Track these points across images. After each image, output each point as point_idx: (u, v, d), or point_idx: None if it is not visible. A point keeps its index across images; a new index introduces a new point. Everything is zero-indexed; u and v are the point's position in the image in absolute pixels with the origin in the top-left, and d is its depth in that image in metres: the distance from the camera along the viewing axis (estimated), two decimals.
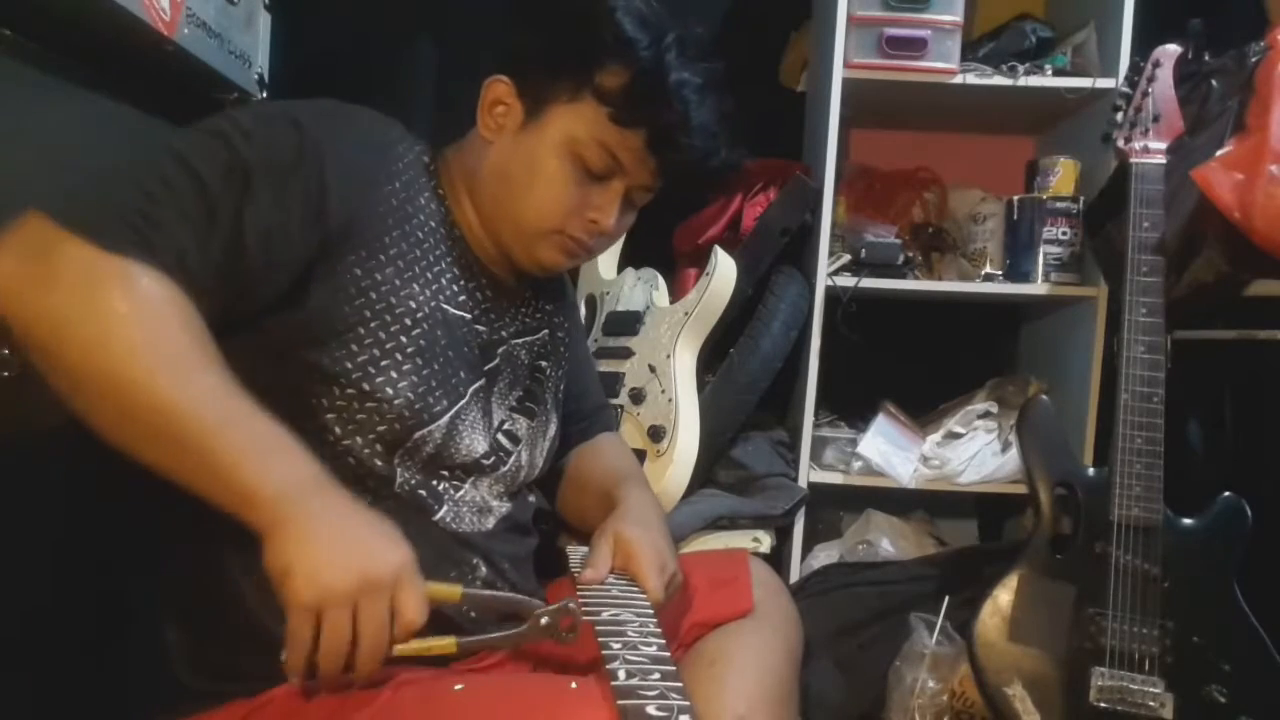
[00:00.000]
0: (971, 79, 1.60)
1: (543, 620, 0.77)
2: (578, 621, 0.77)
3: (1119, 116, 1.38)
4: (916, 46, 1.57)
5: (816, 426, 1.66)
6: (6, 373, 0.82)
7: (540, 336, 1.04)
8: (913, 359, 1.93)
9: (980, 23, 1.84)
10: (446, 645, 0.74)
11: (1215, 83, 1.40)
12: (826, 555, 1.71)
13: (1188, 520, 1.28)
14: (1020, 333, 2.03)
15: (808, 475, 1.63)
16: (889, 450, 1.64)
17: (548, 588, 1.01)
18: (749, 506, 1.52)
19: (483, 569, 0.90)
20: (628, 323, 1.57)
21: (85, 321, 0.68)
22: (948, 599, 1.45)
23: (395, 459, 0.85)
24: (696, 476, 1.47)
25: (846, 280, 1.62)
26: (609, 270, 1.69)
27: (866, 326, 1.64)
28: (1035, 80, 1.61)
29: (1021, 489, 1.52)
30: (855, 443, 1.65)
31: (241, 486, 0.68)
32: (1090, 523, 1.29)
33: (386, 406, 0.82)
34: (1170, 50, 1.38)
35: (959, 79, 1.60)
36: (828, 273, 1.62)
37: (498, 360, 0.96)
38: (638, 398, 1.49)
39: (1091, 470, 1.33)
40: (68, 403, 0.69)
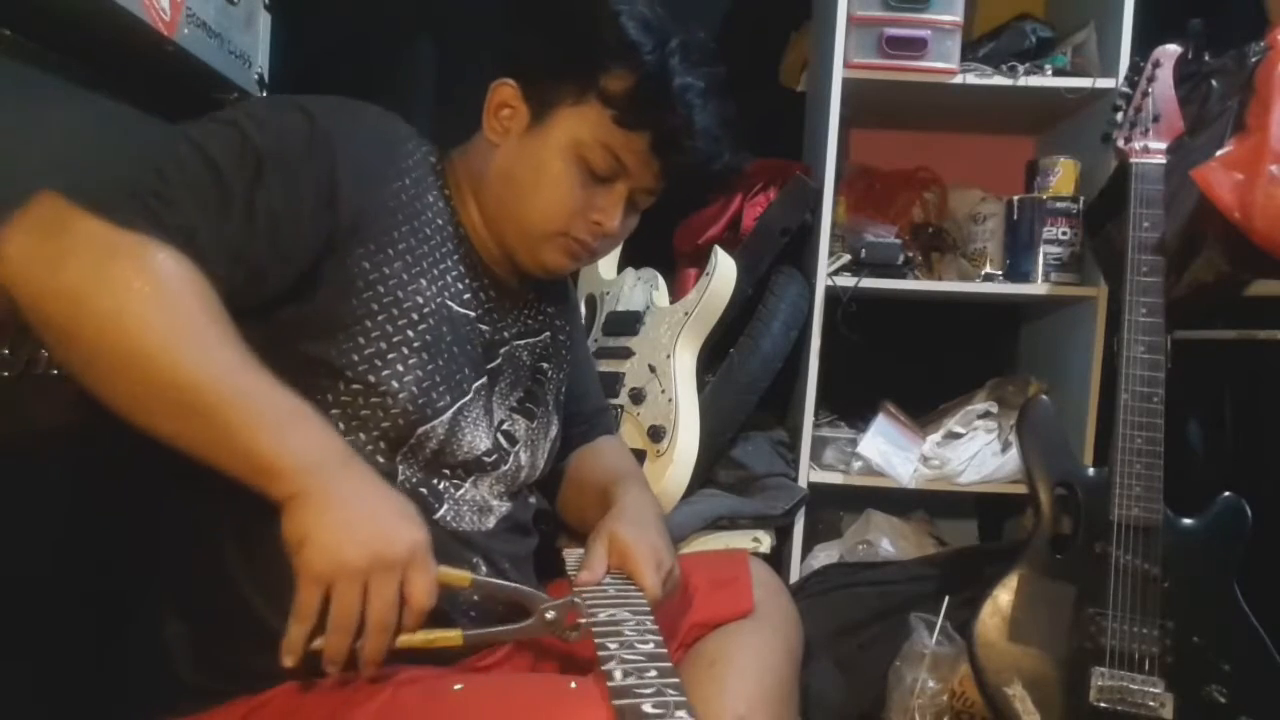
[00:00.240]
0: (971, 79, 1.60)
1: (548, 614, 0.77)
2: (581, 620, 0.77)
3: (1119, 116, 1.38)
4: (916, 46, 1.57)
5: (816, 426, 1.66)
6: (6, 373, 0.82)
7: (542, 338, 1.05)
8: (913, 359, 1.93)
9: (980, 23, 1.84)
10: (453, 638, 0.75)
11: (1215, 83, 1.40)
12: (826, 555, 1.71)
13: (1188, 520, 1.28)
14: (1020, 333, 2.03)
15: (808, 475, 1.63)
16: (889, 450, 1.64)
17: (547, 588, 1.01)
18: (749, 506, 1.52)
19: (483, 568, 0.90)
20: (628, 323, 1.57)
21: (101, 295, 0.67)
22: (948, 599, 1.44)
23: (398, 457, 0.85)
24: (696, 476, 1.47)
25: (846, 280, 1.62)
26: (609, 270, 1.69)
27: (866, 326, 1.64)
28: (1035, 80, 1.61)
29: (1021, 489, 1.52)
30: (855, 443, 1.65)
31: (261, 457, 0.68)
32: (1090, 523, 1.29)
33: (391, 401, 0.83)
34: (1170, 50, 1.38)
35: (959, 79, 1.60)
36: (828, 273, 1.62)
37: (500, 360, 0.97)
38: (638, 398, 1.49)
39: (1091, 470, 1.33)
40: (81, 379, 0.69)
